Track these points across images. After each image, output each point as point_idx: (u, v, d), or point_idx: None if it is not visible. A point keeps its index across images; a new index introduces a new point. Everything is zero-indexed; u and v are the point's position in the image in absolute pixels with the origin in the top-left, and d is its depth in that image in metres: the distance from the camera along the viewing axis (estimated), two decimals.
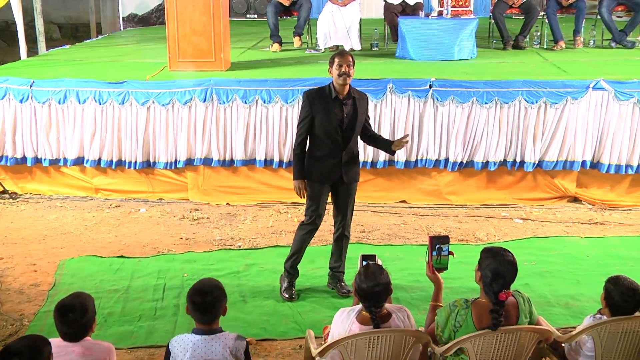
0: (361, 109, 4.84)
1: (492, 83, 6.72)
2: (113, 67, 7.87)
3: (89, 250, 5.90)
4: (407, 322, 3.40)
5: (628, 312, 3.36)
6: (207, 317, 3.20)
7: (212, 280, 3.34)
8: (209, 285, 3.25)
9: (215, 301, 3.20)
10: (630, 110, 6.61)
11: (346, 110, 4.77)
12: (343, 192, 4.95)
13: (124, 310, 4.89)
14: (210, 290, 3.21)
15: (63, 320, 3.17)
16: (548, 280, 5.33)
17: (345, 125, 4.79)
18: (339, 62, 4.68)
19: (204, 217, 6.62)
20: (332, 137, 4.79)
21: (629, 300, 3.36)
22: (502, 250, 3.38)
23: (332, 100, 4.76)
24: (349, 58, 4.71)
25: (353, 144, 4.88)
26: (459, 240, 6.04)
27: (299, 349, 4.42)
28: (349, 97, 4.79)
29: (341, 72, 4.66)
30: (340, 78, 4.68)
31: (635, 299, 3.36)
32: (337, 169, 4.84)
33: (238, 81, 6.88)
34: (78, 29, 14.36)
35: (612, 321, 3.37)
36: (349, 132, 4.81)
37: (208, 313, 3.19)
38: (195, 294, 3.20)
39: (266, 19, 8.77)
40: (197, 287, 3.24)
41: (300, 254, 5.07)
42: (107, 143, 6.93)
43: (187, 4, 7.09)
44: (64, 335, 3.18)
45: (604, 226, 6.41)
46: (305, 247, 5.07)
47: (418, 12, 8.37)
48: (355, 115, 4.80)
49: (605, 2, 8.41)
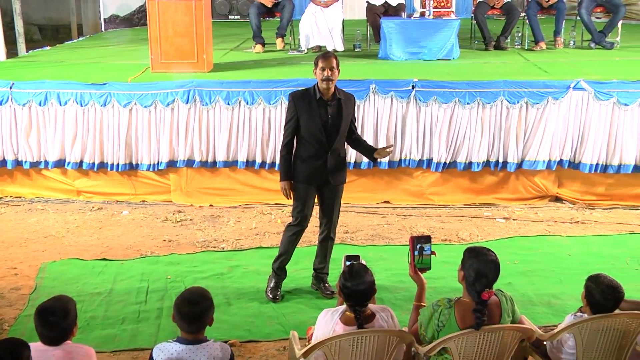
0: (347, 110, 4.84)
1: (474, 83, 6.76)
2: (95, 69, 7.82)
3: (71, 253, 5.85)
4: (390, 322, 3.41)
5: (608, 309, 3.40)
6: (194, 327, 3.14)
7: (201, 289, 3.27)
8: (197, 295, 3.19)
9: (203, 312, 3.14)
10: (610, 110, 6.68)
11: (330, 111, 4.77)
12: (329, 194, 4.95)
13: (106, 314, 4.86)
14: (198, 301, 3.16)
15: (44, 324, 3.13)
16: (530, 279, 5.37)
17: (329, 126, 4.78)
18: (322, 66, 4.68)
19: (187, 219, 6.59)
20: (317, 138, 4.79)
21: (609, 298, 3.39)
22: (484, 249, 3.40)
23: (316, 101, 4.76)
24: (332, 61, 4.70)
25: (339, 145, 4.87)
26: (442, 240, 6.06)
27: (283, 350, 4.42)
28: (334, 98, 4.79)
29: (324, 77, 4.67)
30: (324, 83, 4.69)
31: (615, 297, 3.40)
32: (323, 170, 4.84)
33: (221, 82, 6.86)
34: (59, 31, 14.22)
35: (592, 319, 3.40)
36: (334, 134, 4.81)
37: (195, 323, 3.14)
38: (183, 303, 3.14)
39: (249, 20, 8.76)
40: (185, 297, 3.19)
41: (287, 255, 5.06)
42: (88, 145, 6.88)
43: (169, 5, 7.05)
44: (44, 338, 3.15)
45: (585, 225, 6.47)
46: (293, 249, 5.07)
47: (400, 13, 8.40)
48: (340, 117, 4.79)
49: (584, 4, 8.50)
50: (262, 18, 8.76)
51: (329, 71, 4.65)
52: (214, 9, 10.62)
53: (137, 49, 8.95)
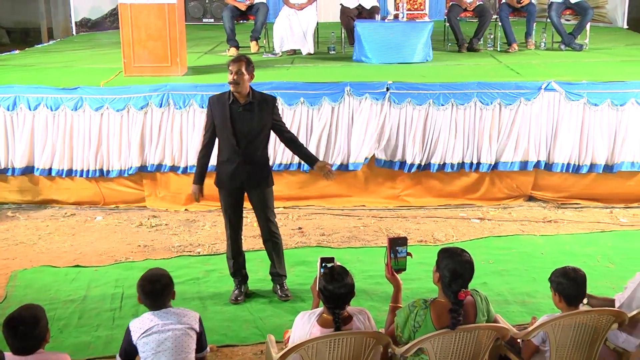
0: (261, 113, 4.80)
1: (448, 85, 6.81)
2: (66, 73, 7.71)
3: (43, 260, 5.77)
4: (367, 324, 3.42)
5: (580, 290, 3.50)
6: (159, 303, 3.52)
7: (159, 269, 3.67)
8: (157, 274, 3.58)
9: (164, 287, 3.54)
10: (581, 110, 6.78)
11: (242, 115, 4.76)
12: (254, 198, 4.96)
13: (80, 321, 4.80)
14: (159, 279, 3.55)
15: (13, 334, 3.08)
16: (505, 278, 5.42)
17: (238, 130, 4.77)
18: (230, 69, 4.72)
19: (162, 224, 6.54)
20: (229, 141, 4.80)
21: (573, 277, 3.50)
22: (459, 250, 3.43)
23: (229, 105, 4.77)
24: (240, 64, 4.71)
25: (251, 149, 4.82)
26: (418, 242, 6.10)
27: (260, 354, 4.40)
28: (248, 102, 4.78)
29: (230, 80, 4.71)
30: (232, 86, 4.72)
31: (579, 275, 3.51)
32: (237, 174, 4.85)
33: (195, 86, 6.82)
34: (28, 34, 14.00)
35: (565, 316, 3.46)
36: (244, 137, 4.79)
37: (159, 299, 3.52)
38: (145, 282, 3.53)
39: (222, 24, 8.72)
40: (145, 277, 3.56)
41: (235, 259, 5.07)
42: (58, 150, 6.78)
43: (142, 8, 6.99)
44: (15, 350, 3.09)
45: (557, 224, 6.56)
46: (237, 253, 5.07)
47: (374, 16, 8.43)
48: (252, 120, 4.77)
49: (554, 6, 8.63)
50: (236, 21, 8.73)
51: (236, 75, 4.68)
52: (187, 12, 10.57)
53: (109, 53, 8.86)
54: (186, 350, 3.46)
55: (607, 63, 8.04)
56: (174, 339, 3.43)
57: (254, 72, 4.85)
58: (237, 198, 4.97)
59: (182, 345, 3.44)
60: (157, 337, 3.42)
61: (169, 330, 3.44)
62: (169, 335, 3.43)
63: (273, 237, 5.06)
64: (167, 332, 3.43)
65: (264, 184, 4.94)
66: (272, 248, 5.09)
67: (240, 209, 5.04)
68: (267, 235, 5.06)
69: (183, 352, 3.44)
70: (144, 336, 3.43)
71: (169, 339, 3.42)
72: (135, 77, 7.06)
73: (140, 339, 3.44)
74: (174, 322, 3.47)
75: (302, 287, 5.21)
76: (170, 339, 3.42)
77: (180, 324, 3.48)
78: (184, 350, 3.45)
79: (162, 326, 3.44)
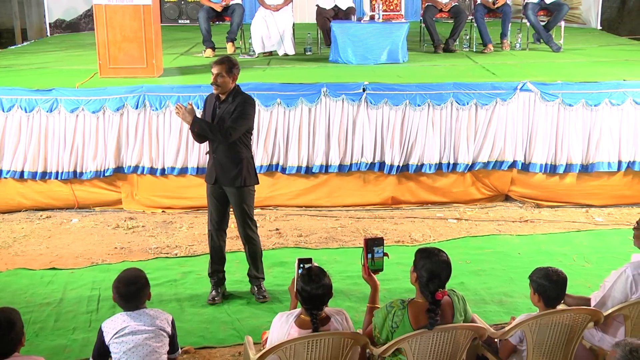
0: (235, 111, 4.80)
1: (424, 86, 6.85)
2: (40, 75, 7.62)
3: (18, 263, 5.70)
4: (345, 324, 3.42)
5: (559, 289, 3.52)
6: (133, 304, 3.53)
7: (136, 270, 3.67)
8: (133, 277, 3.58)
9: (139, 290, 3.55)
10: (556, 111, 6.86)
11: (219, 112, 4.84)
12: (230, 197, 4.95)
13: (56, 324, 4.75)
14: (134, 281, 3.55)
15: None
16: (482, 278, 5.46)
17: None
18: (211, 71, 4.81)
19: (139, 226, 6.49)
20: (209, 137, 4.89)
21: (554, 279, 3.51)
22: (436, 250, 3.45)
23: (214, 102, 4.90)
24: (221, 67, 4.78)
25: (222, 145, 4.82)
26: (395, 242, 6.12)
27: (238, 355, 4.39)
28: (224, 99, 4.85)
29: (211, 82, 4.80)
30: (213, 87, 4.82)
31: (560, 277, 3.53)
32: (213, 169, 4.92)
33: (171, 87, 6.78)
34: (1, 35, 13.78)
35: (542, 315, 3.49)
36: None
37: (134, 300, 3.53)
38: (120, 285, 3.53)
39: (198, 25, 8.68)
40: (121, 278, 3.57)
41: (213, 259, 5.07)
42: (32, 153, 6.69)
43: (117, 9, 6.94)
44: None
45: (533, 224, 6.62)
46: (216, 252, 5.05)
47: (350, 17, 8.45)
48: (224, 117, 4.81)
49: (530, 6, 8.72)
50: (212, 22, 8.69)
51: (216, 77, 4.77)
52: (163, 13, 10.51)
53: (84, 54, 8.77)
54: (158, 351, 3.48)
55: (581, 63, 8.14)
56: (146, 341, 3.45)
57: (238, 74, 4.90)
58: (217, 195, 4.95)
59: (153, 348, 3.47)
60: (129, 339, 3.44)
61: (141, 331, 3.46)
62: (141, 337, 3.45)
63: (249, 242, 5.03)
64: (140, 333, 3.45)
65: (238, 183, 4.88)
66: (247, 252, 5.08)
67: (223, 208, 5.00)
68: (243, 239, 5.06)
69: (155, 353, 3.46)
70: (116, 337, 3.45)
71: (140, 340, 3.44)
72: (110, 79, 6.99)
73: (112, 340, 3.45)
74: (147, 323, 3.49)
75: (279, 288, 5.21)
76: (142, 341, 3.44)
77: (153, 325, 3.50)
78: (156, 352, 3.47)
79: (135, 327, 3.46)
